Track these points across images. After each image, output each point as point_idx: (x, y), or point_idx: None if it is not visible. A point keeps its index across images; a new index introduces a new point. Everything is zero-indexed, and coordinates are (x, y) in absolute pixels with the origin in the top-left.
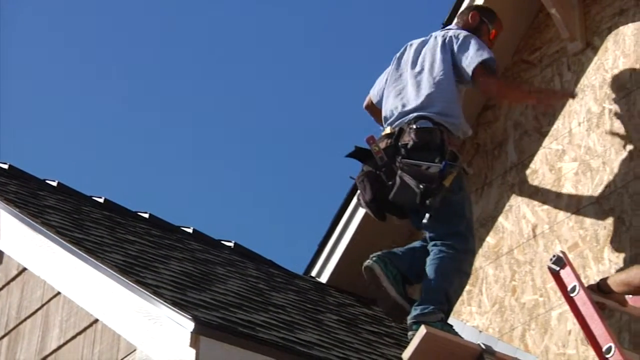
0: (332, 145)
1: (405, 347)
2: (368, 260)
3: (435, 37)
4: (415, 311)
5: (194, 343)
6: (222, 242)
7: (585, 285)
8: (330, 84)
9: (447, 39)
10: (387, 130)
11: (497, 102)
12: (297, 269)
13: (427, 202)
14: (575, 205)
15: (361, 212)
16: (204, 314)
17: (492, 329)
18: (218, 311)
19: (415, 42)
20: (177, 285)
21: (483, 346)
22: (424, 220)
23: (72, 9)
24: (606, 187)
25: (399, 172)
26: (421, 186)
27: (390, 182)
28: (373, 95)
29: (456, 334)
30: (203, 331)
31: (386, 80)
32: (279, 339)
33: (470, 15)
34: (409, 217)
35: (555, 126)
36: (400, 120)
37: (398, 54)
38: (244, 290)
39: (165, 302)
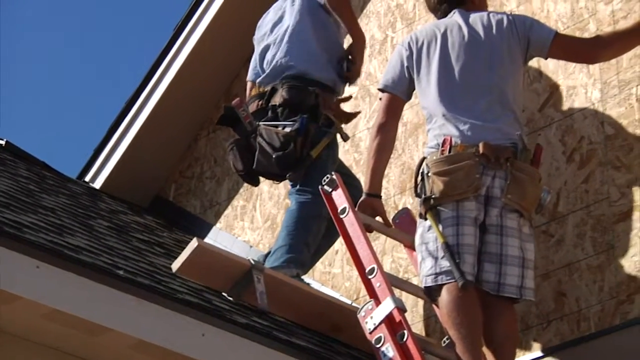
0: (118, 39)
1: (175, 258)
2: None
3: None
4: (267, 263)
5: None
6: None
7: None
8: None
9: None
10: (258, 89)
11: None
12: (70, 173)
13: (289, 175)
14: (352, 129)
15: (141, 119)
16: None
17: (263, 244)
18: None
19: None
20: None
21: (252, 262)
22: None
23: None
24: None
25: (258, 137)
26: (274, 155)
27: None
28: (250, 78)
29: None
30: None
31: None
32: (47, 241)
33: None
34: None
35: None
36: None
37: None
38: (13, 190)
39: None
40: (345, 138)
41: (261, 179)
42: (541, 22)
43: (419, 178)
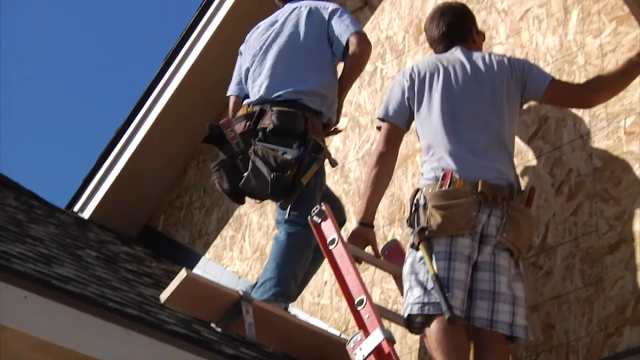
0: (107, 65)
1: (163, 289)
2: None
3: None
4: (255, 294)
5: None
6: None
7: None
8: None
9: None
10: (246, 109)
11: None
12: (59, 203)
13: (280, 203)
14: (342, 159)
15: (130, 149)
16: None
17: (252, 275)
18: None
19: (263, 23)
20: None
21: (241, 293)
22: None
23: None
24: (372, 144)
25: (252, 156)
26: (272, 175)
27: (247, 172)
28: (233, 92)
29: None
30: None
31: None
32: (35, 271)
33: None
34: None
35: None
36: (261, 100)
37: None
38: (1, 220)
39: None
40: (333, 164)
41: (247, 200)
42: (539, 67)
43: (413, 209)
